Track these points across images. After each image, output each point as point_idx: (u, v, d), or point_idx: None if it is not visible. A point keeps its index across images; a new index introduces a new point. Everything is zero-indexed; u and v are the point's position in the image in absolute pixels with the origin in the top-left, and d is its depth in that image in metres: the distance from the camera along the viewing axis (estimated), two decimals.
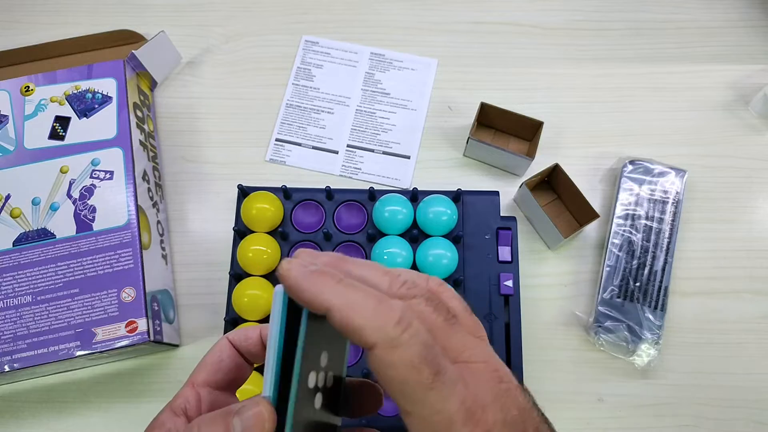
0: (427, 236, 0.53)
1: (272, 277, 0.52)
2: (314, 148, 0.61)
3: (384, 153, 0.61)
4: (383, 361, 0.22)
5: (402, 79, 0.64)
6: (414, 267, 0.52)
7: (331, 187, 0.54)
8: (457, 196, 0.53)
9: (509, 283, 0.51)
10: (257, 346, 0.30)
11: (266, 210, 0.53)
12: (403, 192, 0.54)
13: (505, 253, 0.53)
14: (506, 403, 0.24)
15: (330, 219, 0.54)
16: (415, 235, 0.53)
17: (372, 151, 0.61)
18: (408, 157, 0.60)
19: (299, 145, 0.61)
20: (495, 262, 0.52)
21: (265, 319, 0.51)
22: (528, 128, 0.58)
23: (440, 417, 0.22)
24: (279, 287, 0.24)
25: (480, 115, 0.58)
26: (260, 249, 0.51)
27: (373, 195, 0.54)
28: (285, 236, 0.53)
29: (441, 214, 0.52)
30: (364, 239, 0.53)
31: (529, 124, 0.57)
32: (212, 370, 0.29)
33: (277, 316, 0.25)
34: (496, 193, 0.54)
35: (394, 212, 0.52)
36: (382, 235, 0.52)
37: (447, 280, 0.51)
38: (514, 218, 0.54)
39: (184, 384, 0.29)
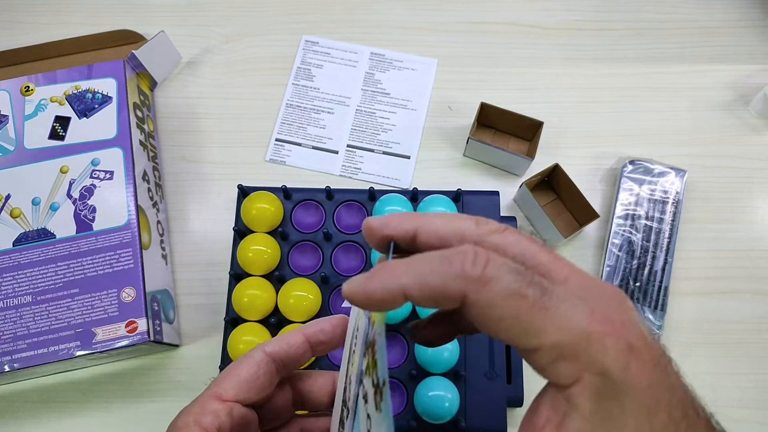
0: None
1: (272, 277, 0.52)
2: (314, 148, 0.61)
3: (384, 153, 0.61)
4: (481, 305, 0.20)
5: (402, 79, 0.64)
6: None
7: (331, 187, 0.54)
8: (457, 196, 0.53)
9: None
10: (302, 349, 0.28)
11: (266, 210, 0.53)
12: (403, 192, 0.54)
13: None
14: (635, 319, 0.21)
15: (330, 219, 0.54)
16: None
17: (372, 151, 0.61)
18: (408, 157, 0.60)
19: (299, 145, 0.61)
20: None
21: (266, 320, 0.51)
22: (528, 128, 0.58)
23: (572, 335, 0.19)
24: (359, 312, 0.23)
25: (480, 115, 0.58)
26: (260, 249, 0.51)
27: (373, 195, 0.54)
28: (285, 236, 0.53)
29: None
30: (364, 239, 0.53)
31: (529, 124, 0.57)
32: (246, 388, 0.27)
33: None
34: (496, 193, 0.54)
35: (393, 212, 0.52)
36: None
37: None
38: (514, 218, 0.54)
39: (207, 395, 0.27)
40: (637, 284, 0.53)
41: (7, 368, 0.47)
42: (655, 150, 0.59)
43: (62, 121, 0.54)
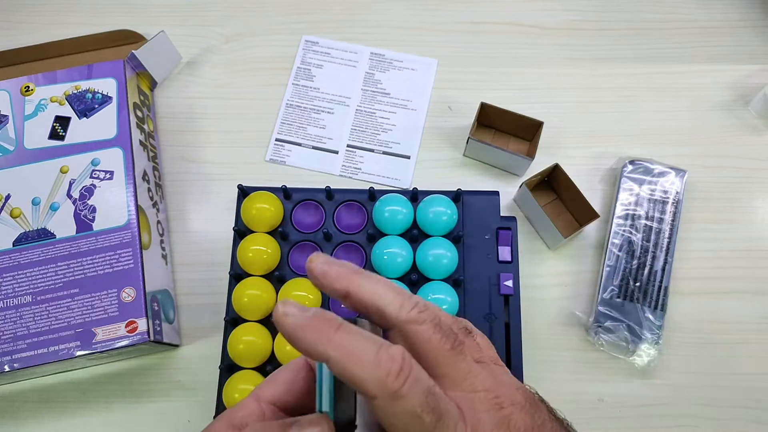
0: (427, 236, 0.53)
1: (272, 277, 0.52)
2: (314, 148, 0.61)
3: (384, 153, 0.61)
4: (387, 411, 0.22)
5: (402, 79, 0.64)
6: (414, 267, 0.52)
7: (331, 187, 0.54)
8: (457, 196, 0.53)
9: (509, 283, 0.51)
10: None
11: (266, 210, 0.53)
12: (403, 192, 0.54)
13: (505, 253, 0.53)
14: (507, 429, 0.24)
15: (330, 219, 0.54)
16: (415, 235, 0.53)
17: (372, 151, 0.61)
18: (408, 157, 0.60)
19: (299, 145, 0.61)
20: (495, 262, 0.52)
21: (265, 320, 0.51)
22: (528, 128, 0.58)
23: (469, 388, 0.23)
24: None
25: (480, 115, 0.58)
26: (260, 249, 0.51)
27: (373, 195, 0.54)
28: (285, 236, 0.53)
29: (441, 214, 0.52)
30: (364, 239, 0.53)
31: (529, 124, 0.57)
32: (284, 390, 0.28)
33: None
34: (496, 193, 0.54)
35: (394, 212, 0.52)
36: (382, 235, 0.52)
37: (447, 280, 0.51)
38: (514, 218, 0.54)
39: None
40: (637, 284, 0.53)
41: (7, 368, 0.47)
42: (655, 150, 0.59)
43: (62, 121, 0.54)
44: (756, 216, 0.58)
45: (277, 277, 0.52)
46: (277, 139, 0.61)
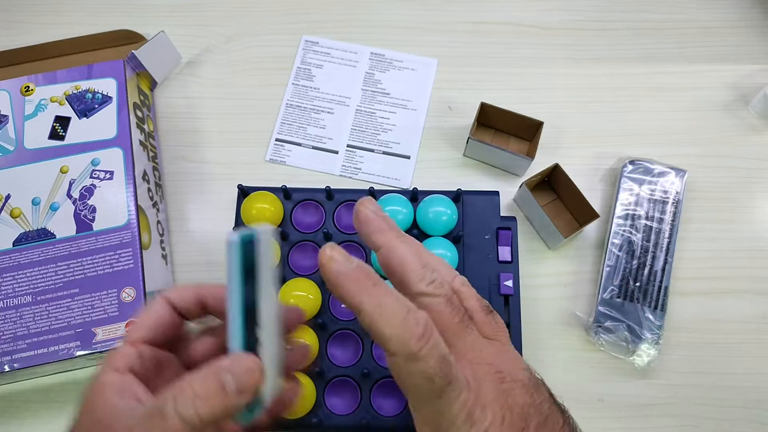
0: (427, 236, 0.52)
1: None
2: (314, 148, 0.61)
3: (384, 153, 0.61)
4: (402, 369, 0.24)
5: (402, 79, 0.64)
6: None
7: (331, 187, 0.54)
8: (457, 196, 0.53)
9: (509, 283, 0.51)
10: (192, 305, 0.31)
11: (266, 210, 0.53)
12: (402, 192, 0.54)
13: (505, 253, 0.53)
14: (506, 402, 0.26)
15: (330, 219, 0.54)
16: (415, 235, 0.52)
17: (372, 151, 0.61)
18: (408, 157, 0.60)
19: (299, 145, 0.61)
20: (495, 262, 0.52)
21: None
22: (528, 128, 0.58)
23: (443, 418, 0.25)
24: (234, 237, 0.25)
25: (480, 115, 0.58)
26: None
27: (373, 195, 0.54)
28: (285, 236, 0.53)
29: (441, 214, 0.52)
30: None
31: (529, 124, 0.57)
32: (151, 328, 0.30)
33: (237, 268, 0.25)
34: (496, 193, 0.54)
35: (393, 212, 0.52)
36: None
37: None
38: (514, 218, 0.54)
39: (120, 343, 0.30)
40: (637, 284, 0.53)
41: (7, 368, 0.47)
42: (655, 150, 0.59)
43: (62, 121, 0.54)
44: (756, 216, 0.58)
45: (276, 277, 0.52)
46: (277, 139, 0.61)
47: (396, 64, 0.65)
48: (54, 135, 0.54)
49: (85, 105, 0.55)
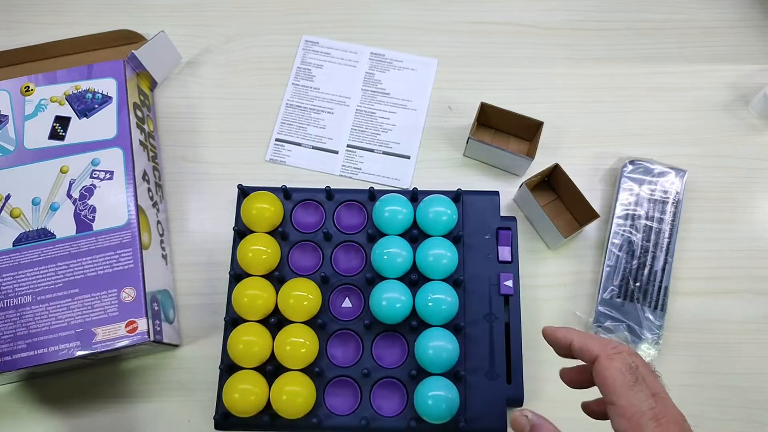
0: (427, 236, 0.52)
1: (272, 277, 0.52)
2: (314, 148, 0.61)
3: (384, 153, 0.61)
4: (602, 366, 0.33)
5: (402, 79, 0.64)
6: (414, 266, 0.52)
7: (331, 187, 0.54)
8: (457, 196, 0.53)
9: (509, 283, 0.51)
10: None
11: (266, 210, 0.53)
12: (403, 192, 0.54)
13: (505, 253, 0.53)
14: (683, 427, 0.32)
15: (330, 219, 0.54)
16: (415, 235, 0.53)
17: (372, 151, 0.61)
18: (408, 157, 0.60)
19: (299, 145, 0.61)
20: (495, 262, 0.52)
21: (265, 320, 0.51)
22: (528, 128, 0.58)
23: (635, 410, 0.31)
24: None
25: (480, 115, 0.58)
26: (260, 249, 0.51)
27: (373, 195, 0.54)
28: (285, 236, 0.53)
29: (441, 214, 0.52)
30: (364, 239, 0.53)
31: (529, 124, 0.57)
32: None
33: None
34: (496, 193, 0.54)
35: (394, 212, 0.52)
36: (382, 235, 0.52)
37: (447, 279, 0.51)
38: (514, 218, 0.54)
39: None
40: (637, 284, 0.53)
41: (7, 368, 0.47)
42: (655, 150, 0.59)
43: (62, 121, 0.54)
44: (756, 216, 0.58)
45: (277, 277, 0.52)
46: (277, 139, 0.61)
47: (396, 64, 0.65)
48: (54, 135, 0.54)
49: (85, 105, 0.55)
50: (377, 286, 0.50)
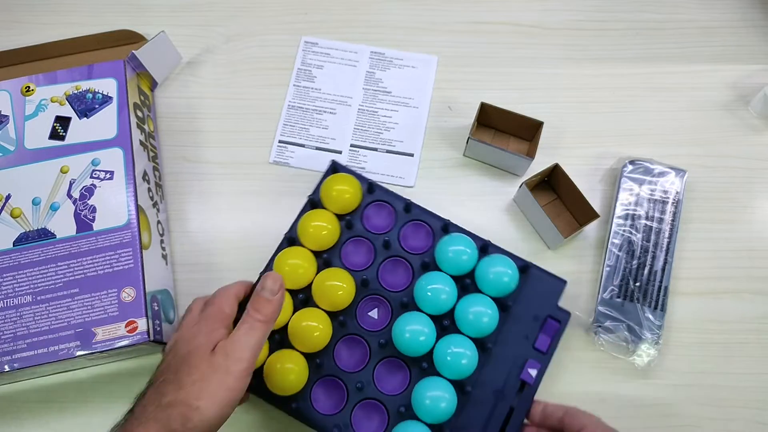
0: (479, 291, 0.51)
1: (320, 255, 0.53)
2: (317, 148, 0.61)
3: (387, 151, 0.61)
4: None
5: (403, 77, 0.64)
6: (451, 312, 0.50)
7: (413, 202, 0.54)
8: (525, 267, 0.51)
9: (533, 372, 0.49)
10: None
11: (345, 192, 0.54)
12: (474, 237, 0.53)
13: (543, 342, 0.50)
14: None
15: (397, 229, 0.54)
16: (467, 284, 0.51)
17: (375, 149, 0.61)
18: (411, 155, 0.61)
19: (302, 146, 0.61)
20: (529, 347, 0.50)
21: (294, 292, 0.51)
22: (528, 128, 0.58)
23: None
24: None
25: (480, 115, 0.58)
26: (322, 225, 0.53)
27: (447, 228, 0.53)
28: (350, 225, 0.54)
29: (502, 275, 0.49)
30: (419, 264, 0.53)
31: (529, 124, 0.57)
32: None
33: None
34: (564, 282, 0.52)
35: (458, 252, 0.51)
36: (437, 269, 0.52)
37: (476, 339, 0.49)
38: (568, 313, 0.51)
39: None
40: (637, 284, 0.53)
41: (7, 368, 0.47)
42: (655, 150, 0.59)
43: (63, 121, 0.54)
44: (756, 216, 0.58)
45: (324, 258, 0.52)
46: (280, 141, 0.61)
47: (396, 63, 0.65)
48: (54, 135, 0.54)
49: (86, 105, 0.55)
50: (409, 313, 0.50)
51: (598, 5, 0.67)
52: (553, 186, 0.58)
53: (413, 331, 0.48)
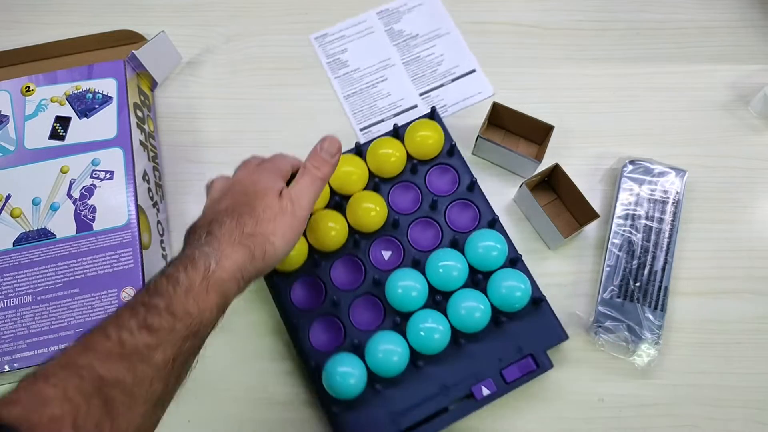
0: (485, 291, 0.51)
1: (374, 177, 0.56)
2: (395, 115, 0.63)
3: (453, 80, 0.63)
4: None
5: (418, 18, 0.67)
6: (449, 294, 0.51)
7: (478, 184, 0.55)
8: (539, 300, 0.51)
9: (486, 392, 0.49)
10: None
11: (429, 138, 0.56)
12: (510, 245, 0.53)
13: (512, 373, 0.50)
14: None
15: (449, 199, 0.55)
16: (478, 279, 0.52)
17: (442, 85, 0.63)
18: (474, 71, 0.63)
19: (381, 121, 0.63)
20: (497, 369, 0.50)
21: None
22: (537, 131, 0.58)
23: None
24: None
25: (492, 115, 0.58)
26: (390, 153, 0.55)
27: (493, 223, 0.54)
28: (414, 170, 0.56)
29: (514, 291, 0.50)
30: (450, 239, 0.54)
31: (538, 126, 0.57)
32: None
33: None
34: (566, 337, 0.51)
35: (488, 249, 0.51)
36: (461, 252, 0.53)
37: (455, 330, 0.50)
38: (551, 365, 0.50)
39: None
40: (637, 284, 0.53)
41: (7, 368, 0.47)
42: (655, 150, 0.59)
43: (63, 121, 0.54)
44: (756, 216, 0.58)
45: (376, 183, 0.55)
46: (361, 129, 0.62)
47: (403, 9, 0.67)
48: (54, 135, 0.54)
49: (86, 105, 0.55)
50: (411, 271, 0.51)
51: (598, 5, 0.67)
52: (553, 186, 0.58)
53: (406, 288, 0.50)
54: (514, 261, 0.53)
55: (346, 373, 0.47)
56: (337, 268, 0.54)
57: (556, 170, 0.55)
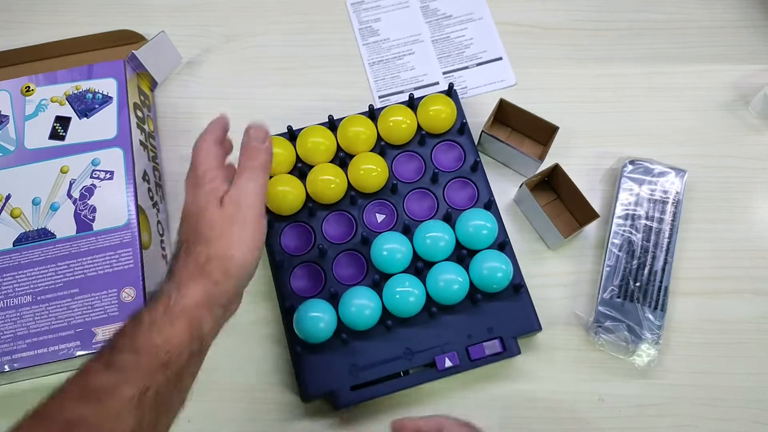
0: (467, 268, 0.52)
1: (381, 142, 0.57)
2: (415, 88, 0.63)
3: (478, 65, 0.64)
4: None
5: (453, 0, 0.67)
6: (431, 264, 0.52)
7: (482, 165, 0.56)
8: (519, 286, 0.52)
9: (449, 363, 0.49)
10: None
11: (442, 112, 0.56)
12: (501, 229, 0.54)
13: (477, 351, 0.50)
14: None
15: (452, 175, 0.56)
16: (463, 255, 0.53)
17: (466, 68, 0.64)
18: (500, 58, 0.64)
19: (401, 92, 0.63)
20: (464, 345, 0.50)
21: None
22: (542, 131, 0.57)
23: None
24: None
25: (498, 112, 0.58)
26: (401, 120, 0.56)
27: (490, 204, 0.54)
28: (422, 142, 0.56)
29: (495, 272, 0.50)
30: (444, 213, 0.54)
31: (543, 126, 0.57)
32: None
33: None
34: (539, 329, 0.51)
35: (478, 228, 0.52)
36: (452, 226, 0.53)
37: (430, 299, 0.51)
38: (518, 351, 0.50)
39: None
40: (637, 284, 0.53)
41: (7, 368, 0.47)
42: (655, 150, 0.59)
43: (63, 121, 0.54)
44: (756, 216, 0.58)
45: (382, 147, 0.56)
46: (380, 96, 0.63)
47: None
48: (54, 135, 0.54)
49: (86, 105, 0.55)
50: (398, 234, 0.52)
51: (598, 5, 0.67)
52: (553, 186, 0.58)
53: (391, 250, 0.51)
54: (503, 245, 0.53)
55: (316, 318, 0.49)
56: (330, 221, 0.55)
57: (556, 170, 0.55)
